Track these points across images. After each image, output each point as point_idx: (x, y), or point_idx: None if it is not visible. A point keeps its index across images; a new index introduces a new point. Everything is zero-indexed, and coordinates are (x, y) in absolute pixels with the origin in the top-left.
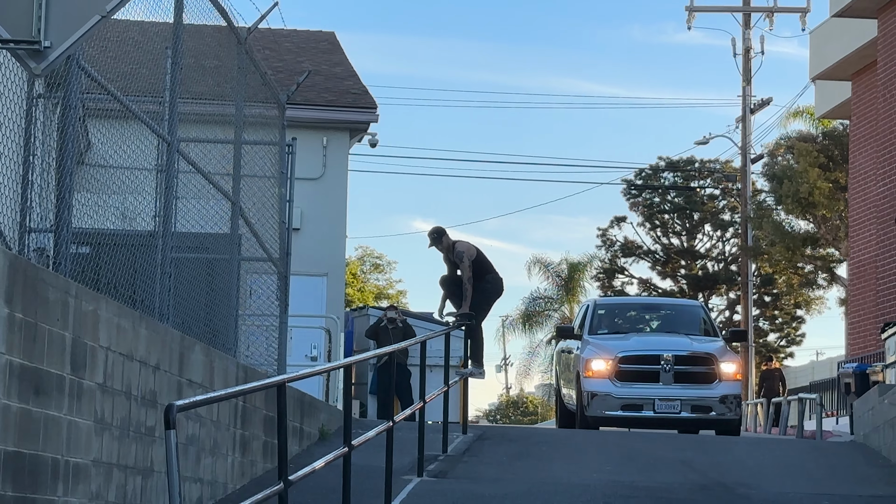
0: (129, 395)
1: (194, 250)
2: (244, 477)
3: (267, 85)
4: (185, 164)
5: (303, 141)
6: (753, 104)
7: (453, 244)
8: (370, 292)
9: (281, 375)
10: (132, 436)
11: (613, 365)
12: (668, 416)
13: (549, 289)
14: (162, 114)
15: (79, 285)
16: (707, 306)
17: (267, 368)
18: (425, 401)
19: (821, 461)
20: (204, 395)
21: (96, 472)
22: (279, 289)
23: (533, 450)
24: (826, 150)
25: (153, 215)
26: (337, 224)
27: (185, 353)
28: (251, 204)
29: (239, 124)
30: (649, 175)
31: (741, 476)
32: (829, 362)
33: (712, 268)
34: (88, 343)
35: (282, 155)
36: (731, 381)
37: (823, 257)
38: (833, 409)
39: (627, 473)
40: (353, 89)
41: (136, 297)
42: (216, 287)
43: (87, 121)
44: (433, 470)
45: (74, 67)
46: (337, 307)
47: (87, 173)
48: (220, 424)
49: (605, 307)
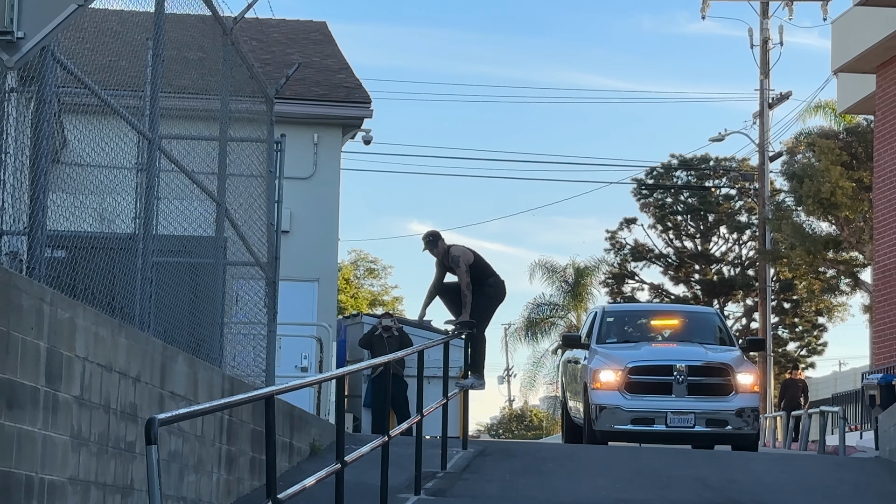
0: (108, 408)
1: (177, 254)
2: (230, 495)
3: (254, 78)
4: (167, 162)
5: (292, 138)
6: (772, 98)
7: (448, 248)
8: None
9: (269, 387)
10: (111, 452)
11: (623, 376)
12: (682, 431)
13: (555, 295)
14: (142, 109)
15: (54, 291)
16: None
17: (254, 380)
18: (423, 414)
19: (844, 478)
20: (187, 408)
21: (73, 490)
22: (267, 295)
23: (537, 466)
24: (849, 147)
25: (133, 217)
26: (328, 226)
27: (168, 363)
28: (237, 205)
29: (224, 120)
30: (661, 174)
31: (759, 494)
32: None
33: (728, 272)
34: (64, 353)
35: (270, 152)
36: (749, 394)
37: (846, 261)
38: (857, 423)
39: (638, 491)
40: (346, 83)
41: (115, 304)
42: (200, 293)
43: (63, 116)
44: (431, 488)
45: (49, 60)
46: (329, 314)
47: (62, 172)
48: (205, 439)
49: (615, 314)
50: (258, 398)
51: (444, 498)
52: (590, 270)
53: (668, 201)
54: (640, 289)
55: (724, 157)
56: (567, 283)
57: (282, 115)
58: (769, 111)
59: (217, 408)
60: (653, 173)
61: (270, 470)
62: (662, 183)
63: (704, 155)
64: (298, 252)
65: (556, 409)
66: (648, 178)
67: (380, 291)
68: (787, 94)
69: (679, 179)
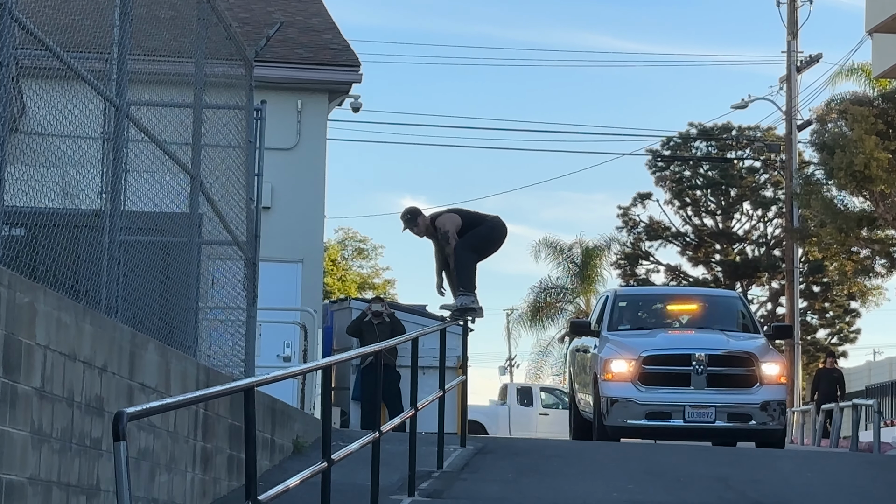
0: (72, 401)
1: (147, 232)
2: (206, 496)
3: (232, 39)
4: (137, 131)
5: (274, 104)
6: (800, 62)
7: (433, 221)
8: (353, 281)
9: (249, 378)
10: (75, 449)
11: (637, 366)
12: (701, 426)
13: (562, 277)
14: (109, 73)
15: (12, 273)
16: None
17: (232, 370)
18: (417, 408)
19: (878, 478)
20: (159, 401)
21: (33, 490)
22: (246, 277)
23: (543, 465)
24: (884, 114)
25: (99, 192)
26: (314, 202)
27: (137, 352)
28: (213, 178)
29: (199, 85)
30: (678, 144)
31: (785, 496)
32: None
33: (752, 253)
34: (24, 341)
35: (249, 121)
36: (774, 385)
37: (882, 240)
38: (893, 418)
39: (653, 493)
40: (333, 44)
41: (79, 287)
42: (173, 275)
43: (22, 81)
44: (426, 489)
45: (7, 18)
46: (314, 299)
47: (21, 142)
48: (178, 436)
49: (627, 298)
50: (236, 390)
51: (440, 499)
52: (599, 250)
53: (686, 174)
54: (656, 270)
55: (748, 126)
56: (575, 263)
57: (262, 80)
58: (797, 76)
59: (191, 401)
60: (669, 144)
61: (250, 469)
62: (680, 154)
63: (726, 124)
64: (281, 230)
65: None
66: (665, 148)
67: (370, 273)
68: (817, 56)
69: (698, 150)
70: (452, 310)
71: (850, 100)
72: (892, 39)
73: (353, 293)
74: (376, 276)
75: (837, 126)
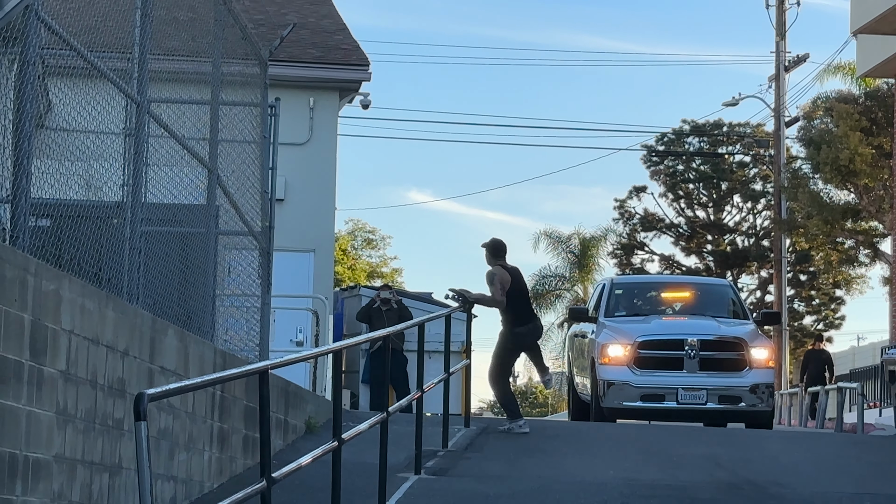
0: (95, 383)
1: (167, 223)
2: (222, 474)
3: (247, 39)
4: (157, 127)
5: (287, 102)
6: (788, 61)
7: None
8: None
9: (263, 362)
10: (98, 429)
11: (632, 351)
12: (693, 408)
13: (561, 266)
14: (131, 72)
15: (39, 262)
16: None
17: (248, 354)
18: (423, 390)
19: (862, 457)
20: (178, 383)
21: (59, 468)
22: (261, 266)
23: (542, 445)
24: (868, 112)
25: (121, 184)
26: (325, 194)
27: (157, 337)
28: (230, 172)
29: (216, 83)
30: (672, 140)
31: (774, 474)
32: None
33: (742, 243)
34: (50, 326)
35: (264, 117)
36: (763, 369)
37: (866, 231)
38: (876, 400)
39: (647, 471)
40: (343, 44)
41: (102, 275)
42: (191, 264)
43: (48, 79)
44: (432, 467)
45: (33, 20)
46: (325, 286)
47: (47, 137)
48: (196, 416)
49: (623, 287)
50: (252, 373)
51: (445, 477)
52: (597, 241)
53: (679, 169)
54: (650, 260)
55: (738, 123)
56: (573, 253)
57: (276, 79)
58: (785, 74)
59: (209, 383)
60: (663, 139)
61: (264, 448)
62: (673, 149)
63: (717, 120)
64: (294, 221)
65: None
66: (659, 144)
67: (378, 263)
68: (805, 56)
69: (691, 146)
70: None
71: (835, 98)
72: (875, 40)
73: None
74: (384, 265)
75: (823, 123)
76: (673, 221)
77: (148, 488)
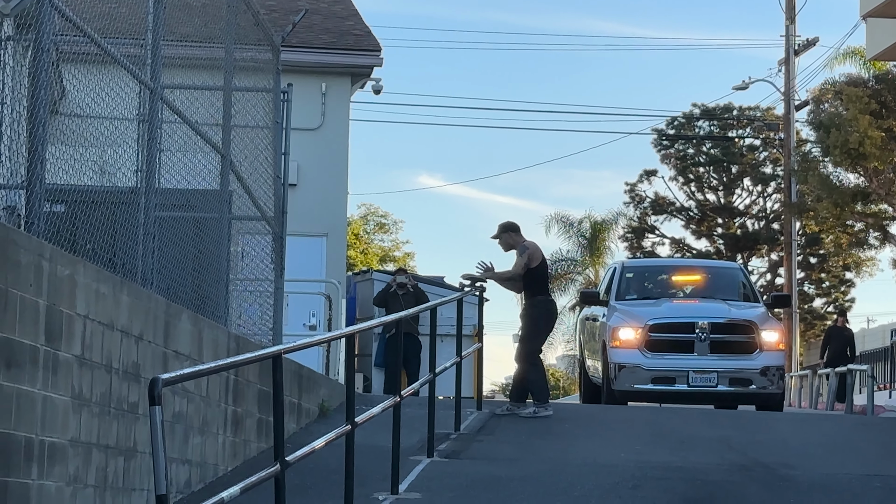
0: (110, 368)
1: (180, 208)
2: (236, 458)
3: (260, 25)
4: (170, 113)
5: (299, 87)
6: (798, 45)
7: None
8: (374, 254)
9: (277, 346)
10: (113, 413)
11: (643, 334)
12: (704, 390)
13: (572, 250)
14: (144, 58)
15: (53, 247)
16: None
17: (261, 338)
18: (436, 374)
19: (872, 439)
20: (192, 367)
21: (74, 452)
22: (274, 251)
23: (554, 427)
24: (878, 95)
25: (135, 170)
26: (337, 179)
27: (171, 321)
28: (243, 157)
29: (229, 69)
30: (682, 124)
31: (784, 456)
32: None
33: (752, 226)
34: (65, 311)
35: (276, 103)
36: (774, 352)
37: (875, 214)
38: (886, 382)
39: (658, 453)
40: (355, 30)
41: (116, 260)
42: (205, 249)
43: (62, 66)
44: (444, 450)
45: (47, 6)
46: (338, 271)
47: (61, 124)
48: (210, 400)
49: (634, 270)
50: (265, 357)
51: (457, 460)
52: (607, 224)
53: (689, 152)
54: (661, 243)
55: (749, 107)
56: (584, 237)
57: (288, 64)
58: (795, 58)
59: (223, 367)
60: (674, 123)
61: (278, 431)
62: (684, 133)
63: (728, 104)
64: (306, 206)
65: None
66: (669, 128)
67: (390, 247)
68: (814, 40)
69: (701, 129)
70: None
71: (845, 81)
72: (885, 23)
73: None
74: (397, 249)
75: (833, 106)
76: (683, 205)
77: (163, 471)
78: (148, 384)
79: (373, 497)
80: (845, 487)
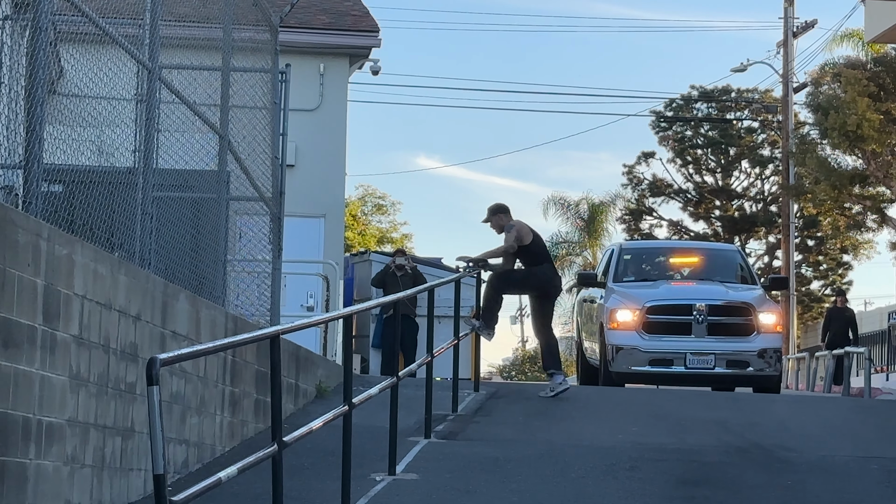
0: (108, 348)
1: (178, 189)
2: (234, 438)
3: (258, 5)
4: (168, 93)
5: (297, 68)
6: (796, 27)
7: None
8: (372, 236)
9: (274, 326)
10: (111, 393)
11: (641, 316)
12: (701, 372)
13: (570, 232)
14: (142, 38)
15: (51, 227)
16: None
17: (259, 319)
18: (433, 355)
19: (869, 421)
20: (190, 347)
21: (72, 432)
22: (272, 231)
23: (551, 409)
24: (876, 77)
25: (133, 150)
26: (335, 160)
27: (169, 301)
28: (241, 137)
29: (227, 49)
30: (680, 106)
31: (781, 438)
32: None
33: (750, 209)
34: (62, 291)
35: (274, 83)
36: (771, 334)
37: (873, 197)
38: (883, 365)
39: (655, 434)
40: (353, 10)
41: (114, 240)
42: (202, 229)
43: (59, 45)
44: (442, 431)
45: None
46: (336, 252)
47: (59, 103)
48: (208, 381)
49: (632, 252)
50: (263, 338)
51: (455, 441)
52: (605, 206)
53: (687, 134)
54: (659, 225)
55: (747, 89)
56: (582, 219)
57: (286, 45)
58: (793, 40)
59: (220, 347)
60: (672, 105)
61: (276, 411)
62: (682, 115)
63: (726, 86)
64: (304, 187)
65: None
66: (667, 110)
67: (388, 228)
68: (813, 22)
69: (699, 112)
70: (467, 262)
71: (843, 63)
72: (884, 6)
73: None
74: (394, 231)
75: (831, 88)
76: (681, 187)
77: (160, 451)
78: (146, 364)
79: (370, 477)
80: (842, 469)
